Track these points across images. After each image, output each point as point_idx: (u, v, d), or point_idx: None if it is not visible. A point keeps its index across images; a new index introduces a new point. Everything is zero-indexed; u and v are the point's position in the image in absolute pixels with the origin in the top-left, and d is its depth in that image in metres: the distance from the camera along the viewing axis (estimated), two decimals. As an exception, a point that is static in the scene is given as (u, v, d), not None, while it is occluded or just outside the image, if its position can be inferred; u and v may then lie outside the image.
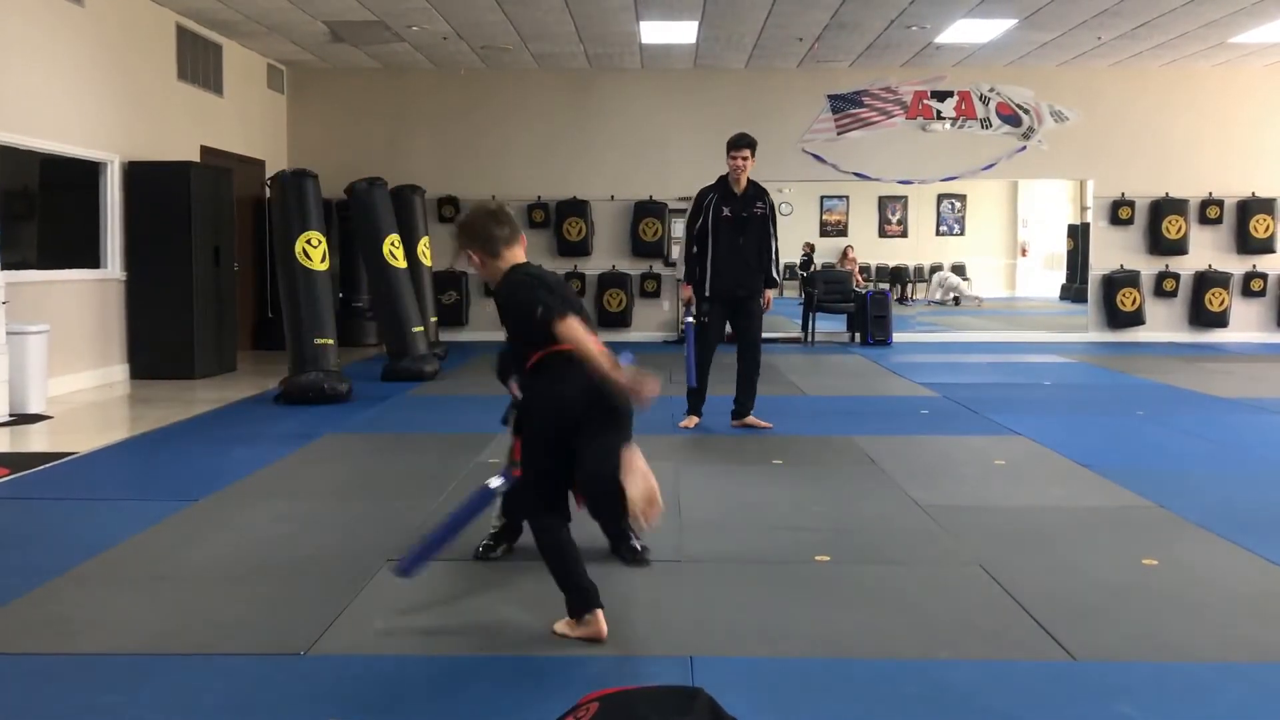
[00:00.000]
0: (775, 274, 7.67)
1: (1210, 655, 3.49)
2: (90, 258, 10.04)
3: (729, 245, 7.52)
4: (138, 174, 10.29)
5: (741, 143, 7.50)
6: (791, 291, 20.34)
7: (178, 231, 10.29)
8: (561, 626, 3.64)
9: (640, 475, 3.44)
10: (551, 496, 3.69)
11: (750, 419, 7.71)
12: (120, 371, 10.24)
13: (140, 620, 3.79)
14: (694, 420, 7.74)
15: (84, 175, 9.95)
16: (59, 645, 3.54)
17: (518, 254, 3.82)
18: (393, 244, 10.60)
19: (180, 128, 11.35)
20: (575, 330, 3.52)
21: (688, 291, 7.65)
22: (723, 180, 7.63)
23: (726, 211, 7.52)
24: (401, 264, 10.66)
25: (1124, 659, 3.44)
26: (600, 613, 3.58)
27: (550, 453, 3.65)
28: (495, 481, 3.97)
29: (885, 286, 20.94)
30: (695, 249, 7.59)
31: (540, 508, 3.70)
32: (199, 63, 11.80)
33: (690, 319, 7.59)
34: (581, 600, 3.59)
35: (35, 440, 7.32)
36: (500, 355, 4.13)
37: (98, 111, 9.86)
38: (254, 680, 3.26)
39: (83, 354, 9.64)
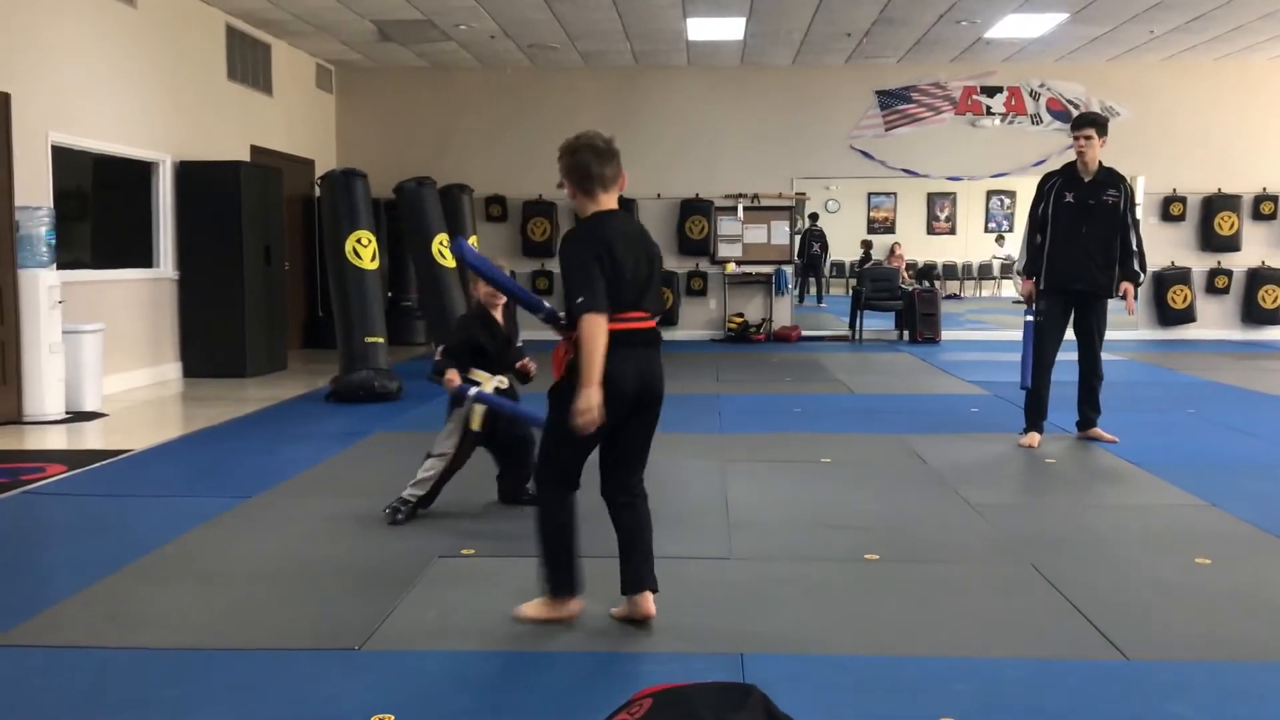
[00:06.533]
0: (1137, 267, 6.85)
1: (1266, 655, 3.45)
2: (143, 257, 10.18)
3: (1067, 234, 6.78)
4: (189, 173, 10.41)
5: (1084, 121, 6.82)
6: (839, 288, 20.19)
7: (228, 231, 10.41)
8: (530, 609, 3.67)
9: None
10: (577, 474, 3.69)
11: (1095, 431, 7.09)
12: (173, 370, 10.38)
13: (197, 615, 3.85)
14: (1035, 438, 6.92)
15: (136, 175, 10.10)
16: (119, 639, 3.60)
17: (607, 200, 3.58)
18: (441, 243, 10.67)
19: (230, 127, 11.49)
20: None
21: (1028, 286, 6.94)
22: (1071, 165, 6.97)
23: (1069, 197, 6.82)
24: (450, 263, 10.71)
25: (1178, 658, 3.41)
26: (578, 600, 3.69)
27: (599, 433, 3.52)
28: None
29: (932, 284, 20.85)
30: (1039, 238, 6.91)
31: (564, 482, 3.67)
32: (248, 63, 11.93)
33: (1029, 317, 6.93)
34: (568, 583, 3.66)
35: (91, 438, 7.44)
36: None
37: (149, 112, 9.99)
38: (310, 675, 3.30)
39: (136, 352, 9.78)
